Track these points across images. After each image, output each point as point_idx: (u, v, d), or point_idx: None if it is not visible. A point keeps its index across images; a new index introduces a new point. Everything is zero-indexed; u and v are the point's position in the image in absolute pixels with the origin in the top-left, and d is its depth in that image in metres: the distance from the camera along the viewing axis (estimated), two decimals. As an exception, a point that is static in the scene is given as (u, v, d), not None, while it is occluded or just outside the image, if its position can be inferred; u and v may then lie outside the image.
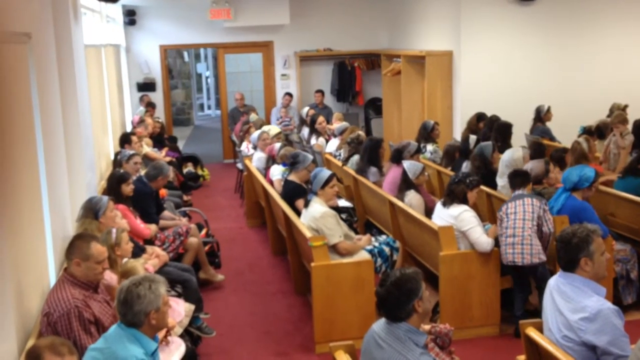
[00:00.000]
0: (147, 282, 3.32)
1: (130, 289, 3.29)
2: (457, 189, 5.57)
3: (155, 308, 3.29)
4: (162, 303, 3.32)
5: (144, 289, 3.28)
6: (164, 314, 3.36)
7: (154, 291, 3.30)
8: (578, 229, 3.55)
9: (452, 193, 5.61)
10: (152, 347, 3.31)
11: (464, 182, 5.59)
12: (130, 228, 5.57)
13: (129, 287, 3.30)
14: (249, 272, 7.25)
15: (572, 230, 3.56)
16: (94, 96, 7.59)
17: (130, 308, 3.27)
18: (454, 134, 10.28)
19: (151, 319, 3.29)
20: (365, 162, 7.53)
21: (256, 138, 9.08)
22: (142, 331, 3.30)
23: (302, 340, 5.53)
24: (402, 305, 3.14)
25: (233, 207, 10.11)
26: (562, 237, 3.56)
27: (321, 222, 5.57)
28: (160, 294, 3.33)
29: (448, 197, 5.63)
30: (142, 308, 3.26)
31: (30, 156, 4.24)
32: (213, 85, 22.61)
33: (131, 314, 3.27)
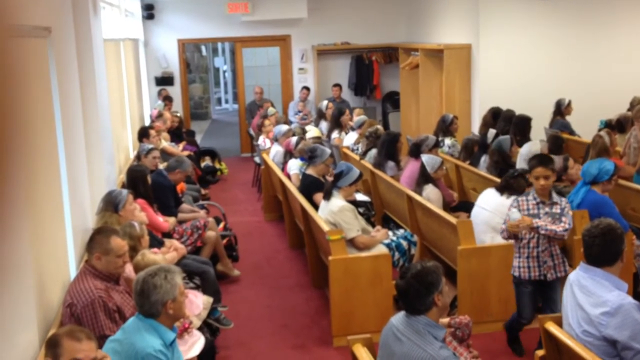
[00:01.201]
0: (163, 273, 3.35)
1: (147, 280, 3.32)
2: (516, 183, 5.53)
3: (171, 298, 3.31)
4: (178, 293, 3.35)
5: (159, 279, 3.31)
6: (181, 303, 3.38)
7: (169, 281, 3.33)
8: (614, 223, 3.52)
9: (509, 186, 5.56)
10: (171, 337, 3.34)
11: (523, 177, 5.56)
12: (149, 221, 5.61)
13: (145, 277, 3.33)
14: (267, 266, 7.27)
15: (609, 224, 3.50)
16: (112, 90, 7.63)
17: (147, 298, 3.29)
18: (472, 127, 10.22)
19: (168, 308, 3.31)
20: (383, 156, 7.51)
21: (282, 132, 9.01)
22: (160, 321, 3.32)
23: (319, 334, 5.54)
24: (422, 298, 3.15)
25: (250, 201, 10.14)
26: (605, 231, 3.49)
27: (339, 216, 5.57)
28: (177, 284, 3.35)
29: (505, 189, 5.58)
30: (159, 298, 3.29)
31: (51, 150, 4.28)
32: (230, 79, 22.66)
33: (148, 305, 3.30)
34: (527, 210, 4.71)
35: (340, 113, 10.19)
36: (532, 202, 4.74)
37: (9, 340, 2.98)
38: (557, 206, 4.73)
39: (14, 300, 3.14)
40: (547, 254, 4.77)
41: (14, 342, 2.98)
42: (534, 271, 4.77)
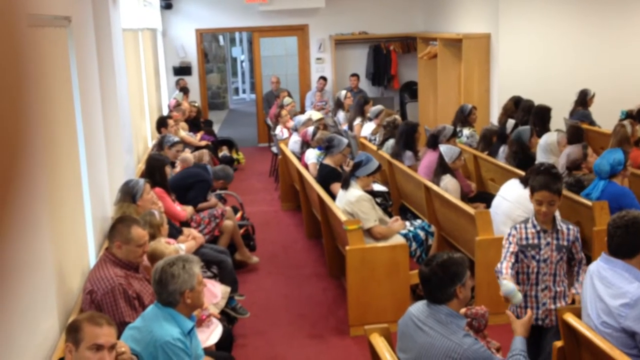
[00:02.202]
0: (181, 262, 3.37)
1: (165, 269, 3.34)
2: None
3: (189, 287, 3.34)
4: (196, 282, 3.37)
5: (178, 268, 3.34)
6: (199, 293, 3.40)
7: (188, 270, 3.35)
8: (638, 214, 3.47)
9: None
10: (189, 326, 3.36)
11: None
12: (166, 210, 5.64)
13: (164, 267, 3.36)
14: (284, 255, 7.29)
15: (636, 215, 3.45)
16: (131, 80, 7.67)
17: (165, 287, 3.32)
18: (491, 118, 10.15)
19: (186, 298, 3.33)
20: (401, 146, 7.49)
21: (301, 122, 8.99)
22: (178, 310, 3.35)
23: (336, 323, 5.55)
24: (444, 288, 3.15)
25: (268, 191, 10.16)
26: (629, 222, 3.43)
27: (356, 206, 5.57)
28: (195, 274, 3.37)
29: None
30: (177, 287, 3.32)
31: (71, 139, 4.32)
32: (248, 69, 22.68)
33: (166, 294, 3.32)
34: (526, 240, 3.95)
35: (366, 102, 10.14)
36: (532, 230, 3.96)
37: (30, 326, 3.02)
38: (563, 235, 3.97)
39: (35, 287, 3.17)
40: (549, 294, 3.98)
41: (35, 328, 3.02)
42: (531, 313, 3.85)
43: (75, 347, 2.76)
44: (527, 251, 3.97)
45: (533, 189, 3.98)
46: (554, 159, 6.52)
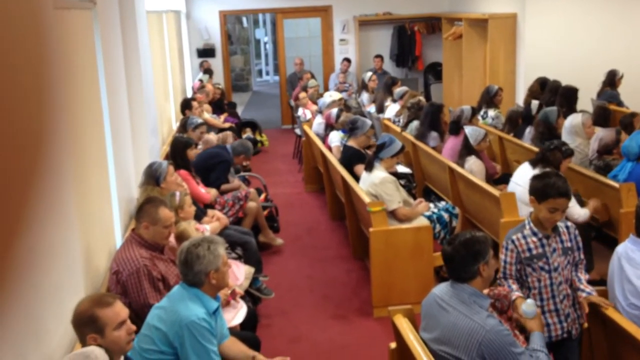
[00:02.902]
0: (206, 243, 3.40)
1: (190, 250, 3.37)
2: (552, 156, 5.37)
3: (214, 268, 3.37)
4: (221, 263, 3.40)
5: (203, 249, 3.37)
6: (224, 273, 3.43)
7: (212, 252, 3.38)
8: None
9: (546, 159, 5.41)
10: (214, 306, 3.39)
11: (559, 149, 5.40)
12: (190, 192, 5.67)
13: (189, 248, 3.39)
14: (307, 237, 7.31)
15: None
16: (155, 62, 7.70)
17: (190, 268, 3.35)
18: (516, 99, 10.04)
19: (211, 278, 3.37)
20: (427, 126, 7.45)
21: (326, 104, 8.95)
22: (204, 290, 3.38)
23: (360, 304, 5.57)
24: (468, 266, 3.15)
25: (291, 173, 10.18)
26: None
27: (380, 187, 5.56)
28: (220, 254, 3.40)
29: (540, 162, 5.41)
30: (202, 268, 3.35)
31: (97, 121, 4.35)
32: (271, 51, 22.65)
33: (192, 274, 3.36)
34: (529, 251, 3.55)
35: (394, 83, 10.09)
36: (532, 238, 3.55)
37: (59, 306, 3.07)
38: (565, 236, 3.62)
39: (63, 267, 3.22)
40: (568, 303, 3.60)
41: (63, 308, 3.06)
42: (555, 330, 3.59)
43: (101, 334, 2.78)
44: (534, 263, 3.54)
45: (547, 195, 3.47)
46: (580, 140, 6.44)
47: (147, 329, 3.32)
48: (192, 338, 3.22)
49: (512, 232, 3.62)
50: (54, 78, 3.26)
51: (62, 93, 3.41)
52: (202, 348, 3.23)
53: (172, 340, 3.25)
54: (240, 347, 3.64)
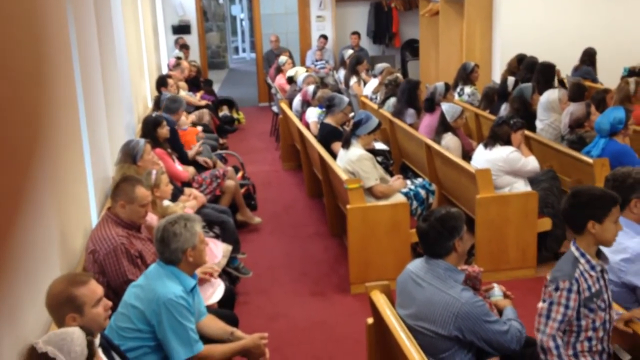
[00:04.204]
0: (182, 221, 3.39)
1: (167, 228, 3.36)
2: (500, 131, 5.51)
3: (191, 246, 3.36)
4: (198, 241, 3.39)
5: (179, 227, 3.35)
6: (201, 251, 3.43)
7: (189, 229, 3.37)
8: (633, 170, 3.54)
9: (495, 135, 5.54)
10: (191, 284, 3.39)
11: (507, 123, 5.51)
12: (168, 171, 5.63)
13: (166, 226, 3.38)
14: (285, 215, 7.32)
15: (627, 171, 3.53)
16: (130, 39, 7.59)
17: (167, 246, 3.34)
18: (492, 76, 10.08)
19: (188, 256, 3.36)
20: (403, 103, 7.46)
21: (302, 80, 8.97)
22: (181, 268, 3.38)
23: (337, 281, 5.60)
24: (443, 242, 3.18)
25: (269, 150, 10.15)
26: (616, 177, 3.53)
27: (357, 164, 5.57)
28: (196, 232, 3.39)
29: (491, 139, 5.58)
30: (179, 246, 3.34)
31: (70, 99, 4.29)
32: (248, 28, 22.46)
33: (168, 252, 3.35)
34: (589, 290, 3.00)
35: (358, 61, 10.09)
36: (591, 273, 3.03)
37: (34, 287, 3.04)
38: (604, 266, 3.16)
39: (38, 247, 3.19)
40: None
41: (38, 289, 3.04)
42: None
43: (80, 313, 2.76)
44: (593, 303, 3.02)
45: (608, 206, 3.01)
46: (555, 116, 6.50)
47: (124, 307, 3.31)
48: (169, 316, 3.22)
49: (565, 270, 3.02)
50: (23, 55, 3.20)
51: (32, 70, 3.35)
52: (180, 326, 3.23)
53: (150, 318, 3.24)
54: (219, 323, 3.65)
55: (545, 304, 3.04)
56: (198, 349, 3.29)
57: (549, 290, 3.03)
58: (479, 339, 3.11)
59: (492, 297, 3.46)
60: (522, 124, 5.58)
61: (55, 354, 2.36)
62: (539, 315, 3.05)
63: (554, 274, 3.05)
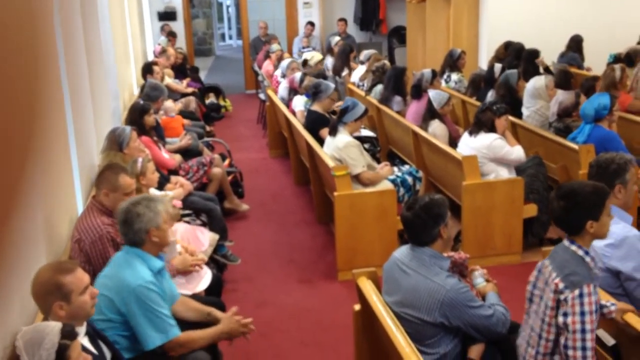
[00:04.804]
0: (145, 201, 3.36)
1: (129, 209, 3.33)
2: (484, 117, 5.52)
3: (155, 225, 3.32)
4: (162, 221, 3.35)
5: (142, 207, 3.32)
6: (165, 231, 3.38)
7: (152, 209, 3.33)
8: (616, 156, 3.55)
9: (479, 122, 5.56)
10: (157, 265, 3.35)
11: (490, 109, 5.52)
12: (154, 158, 5.60)
13: (128, 207, 3.35)
14: (272, 202, 7.32)
15: (610, 157, 3.55)
16: (115, 25, 7.53)
17: (130, 227, 3.31)
18: (479, 63, 10.09)
19: (152, 236, 3.32)
20: (390, 90, 7.45)
21: (285, 67, 8.98)
22: (146, 250, 3.34)
23: (325, 268, 5.61)
24: (429, 230, 3.19)
25: (256, 138, 10.13)
26: (600, 163, 3.54)
27: (344, 152, 5.57)
28: (160, 212, 3.35)
29: (475, 126, 5.59)
30: (143, 226, 3.30)
31: (55, 87, 4.25)
32: (234, 15, 22.33)
33: (132, 233, 3.32)
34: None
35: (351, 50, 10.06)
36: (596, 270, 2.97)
37: (19, 276, 3.02)
38: None
39: (24, 235, 3.17)
40: None
41: (24, 278, 3.02)
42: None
43: (67, 301, 2.74)
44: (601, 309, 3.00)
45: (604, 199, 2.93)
46: (541, 103, 6.52)
47: None
48: (140, 303, 3.17)
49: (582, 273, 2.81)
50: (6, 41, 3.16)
51: (16, 58, 3.32)
52: (153, 312, 3.19)
53: (120, 307, 3.19)
54: (193, 305, 3.61)
55: (574, 317, 2.72)
56: (174, 334, 3.25)
57: (573, 301, 2.72)
58: (465, 325, 3.13)
59: (475, 284, 3.48)
60: (505, 109, 5.59)
61: (21, 352, 2.32)
62: (572, 332, 2.72)
63: (571, 280, 2.76)
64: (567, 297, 2.75)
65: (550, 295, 2.84)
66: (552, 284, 2.83)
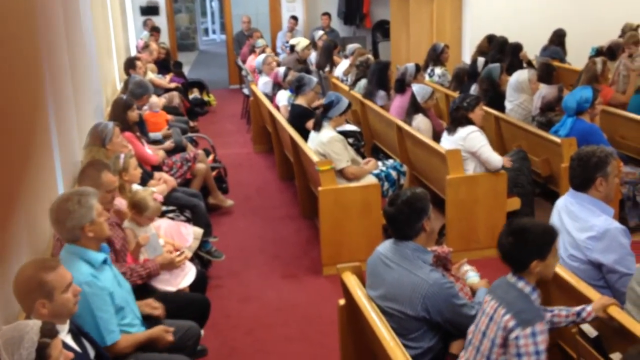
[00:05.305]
0: (76, 197, 3.27)
1: (60, 207, 3.25)
2: (457, 115, 5.52)
3: (89, 221, 3.24)
4: (95, 214, 3.26)
5: (73, 204, 3.23)
6: (100, 224, 3.29)
7: (84, 204, 3.24)
8: (597, 149, 3.57)
9: (454, 120, 5.56)
10: (100, 258, 3.28)
11: (461, 107, 5.50)
12: (137, 154, 5.57)
13: (59, 204, 3.26)
14: (257, 197, 7.30)
15: (591, 150, 3.57)
16: (97, 20, 7.46)
17: (63, 226, 3.24)
18: (463, 57, 10.12)
19: (87, 232, 3.24)
20: (374, 85, 7.46)
21: (261, 62, 9.00)
22: (84, 245, 3.26)
23: (309, 263, 5.61)
24: (412, 224, 3.20)
25: (240, 133, 10.10)
26: (581, 156, 3.57)
27: (329, 146, 5.57)
28: (92, 206, 3.26)
29: (452, 124, 5.60)
30: (76, 223, 3.22)
31: (37, 82, 4.21)
32: (217, 9, 22.22)
33: (65, 231, 3.25)
34: None
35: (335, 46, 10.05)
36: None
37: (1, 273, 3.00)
38: None
39: (6, 232, 3.14)
40: None
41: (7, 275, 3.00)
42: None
43: (50, 299, 2.72)
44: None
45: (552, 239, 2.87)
46: (524, 96, 6.55)
47: None
48: (84, 303, 3.05)
49: (532, 310, 2.76)
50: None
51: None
52: (91, 316, 3.12)
53: None
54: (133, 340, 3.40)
55: (529, 358, 2.67)
56: (112, 340, 3.17)
57: (526, 340, 2.67)
58: (444, 321, 3.13)
59: (468, 279, 3.47)
60: (477, 99, 5.56)
61: (0, 351, 2.29)
62: None
63: (522, 318, 2.70)
64: (518, 336, 2.68)
65: (498, 333, 2.75)
66: (501, 322, 2.75)
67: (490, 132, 6.58)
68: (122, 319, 3.32)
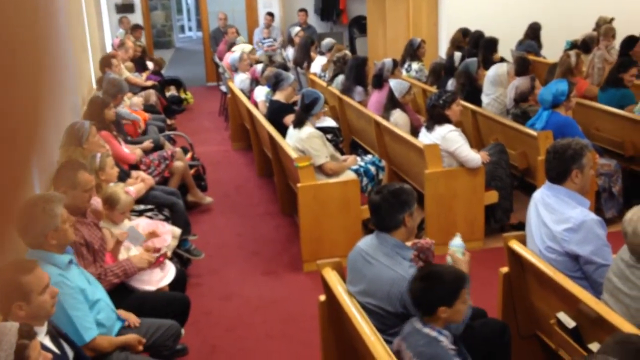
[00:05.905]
0: (41, 204, 3.24)
1: (25, 212, 3.22)
2: (434, 113, 5.53)
3: (53, 228, 3.21)
4: (60, 222, 3.23)
5: (38, 210, 3.20)
6: (65, 231, 3.27)
7: (48, 212, 3.21)
8: (572, 141, 3.61)
9: (431, 117, 5.58)
10: (65, 260, 3.26)
11: (437, 104, 5.50)
12: (114, 153, 5.53)
13: (24, 211, 3.23)
14: (236, 195, 7.28)
15: (567, 142, 3.61)
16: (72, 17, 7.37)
17: (26, 232, 3.22)
18: (439, 52, 10.16)
19: (50, 239, 3.22)
20: (351, 80, 7.46)
21: (237, 59, 8.99)
22: (48, 249, 3.23)
23: (289, 260, 5.61)
24: (394, 215, 3.22)
25: (218, 130, 10.06)
26: (556, 149, 3.60)
27: (307, 143, 5.56)
28: (57, 214, 3.23)
29: (430, 122, 5.60)
30: (39, 231, 3.19)
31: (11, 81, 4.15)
32: (193, 6, 22.09)
33: (29, 238, 3.23)
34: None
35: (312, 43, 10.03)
36: (452, 347, 2.85)
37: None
38: None
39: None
40: None
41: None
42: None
43: (27, 301, 2.69)
44: None
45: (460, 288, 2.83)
46: (501, 90, 6.59)
47: None
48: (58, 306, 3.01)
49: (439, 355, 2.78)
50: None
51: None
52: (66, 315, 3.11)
53: None
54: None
55: None
56: (90, 336, 3.18)
57: None
58: None
59: (451, 246, 3.30)
60: (453, 96, 5.55)
61: None
62: None
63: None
64: None
65: None
66: None
67: (467, 127, 6.62)
68: (97, 313, 3.32)
